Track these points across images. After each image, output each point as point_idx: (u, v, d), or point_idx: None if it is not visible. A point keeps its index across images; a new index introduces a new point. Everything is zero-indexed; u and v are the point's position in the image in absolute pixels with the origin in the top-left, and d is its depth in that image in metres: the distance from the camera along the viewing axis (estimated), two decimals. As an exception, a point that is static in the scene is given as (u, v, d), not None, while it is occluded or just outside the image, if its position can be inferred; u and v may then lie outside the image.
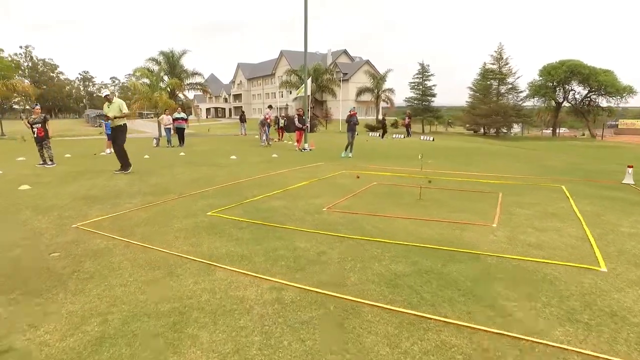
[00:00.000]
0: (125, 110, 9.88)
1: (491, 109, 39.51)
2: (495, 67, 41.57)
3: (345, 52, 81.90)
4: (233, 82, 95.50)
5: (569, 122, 55.91)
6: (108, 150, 14.88)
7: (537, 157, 14.91)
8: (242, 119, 29.82)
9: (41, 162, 11.14)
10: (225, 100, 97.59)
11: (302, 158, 13.47)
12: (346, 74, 66.78)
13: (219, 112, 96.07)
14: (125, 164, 9.86)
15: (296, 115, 17.34)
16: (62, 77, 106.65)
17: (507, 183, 8.80)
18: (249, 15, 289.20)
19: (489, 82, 43.23)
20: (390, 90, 54.61)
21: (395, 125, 51.57)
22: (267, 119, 22.30)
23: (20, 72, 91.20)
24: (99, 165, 11.31)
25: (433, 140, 24.68)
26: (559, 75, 40.51)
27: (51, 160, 11.18)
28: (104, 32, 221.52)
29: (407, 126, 28.69)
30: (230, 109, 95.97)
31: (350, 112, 14.14)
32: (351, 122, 13.92)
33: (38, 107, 11.45)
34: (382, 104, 56.42)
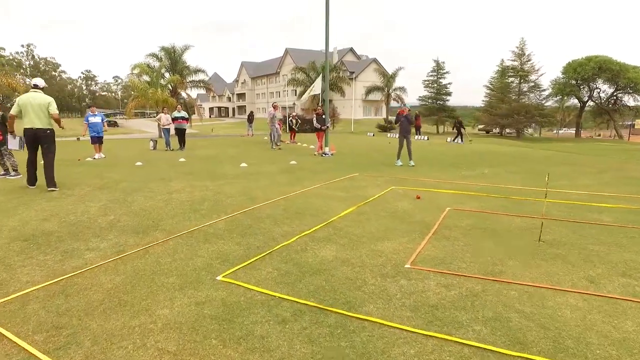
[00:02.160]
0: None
1: (512, 108, 36.92)
2: (516, 63, 38.94)
3: (351, 50, 79.49)
4: (237, 80, 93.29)
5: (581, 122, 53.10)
6: (97, 156, 12.56)
7: (607, 165, 12.41)
8: (250, 119, 27.44)
9: (2, 173, 8.76)
10: (229, 99, 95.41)
11: (327, 166, 11.05)
12: (353, 72, 64.40)
13: (222, 112, 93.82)
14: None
15: (314, 115, 14.92)
16: (64, 76, 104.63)
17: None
18: (250, 14, 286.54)
19: (508, 80, 40.65)
20: (402, 89, 52.16)
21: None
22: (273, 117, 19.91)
23: (21, 70, 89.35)
24: (77, 177, 8.91)
25: (427, 139, 22.22)
26: (587, 72, 37.85)
27: (15, 170, 8.81)
28: (106, 31, 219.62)
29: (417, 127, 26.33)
30: (233, 108, 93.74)
31: (400, 109, 11.59)
32: (402, 122, 11.43)
33: None
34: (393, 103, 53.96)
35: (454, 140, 23.83)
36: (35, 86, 7.27)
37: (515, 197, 7.00)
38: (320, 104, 34.92)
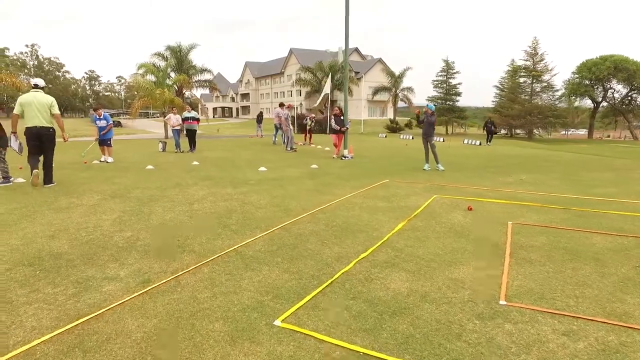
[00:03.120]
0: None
1: (525, 109, 36.08)
2: (528, 63, 38.10)
3: (356, 50, 78.70)
4: (240, 81, 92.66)
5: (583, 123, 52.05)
6: (103, 158, 11.80)
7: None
8: (259, 120, 26.68)
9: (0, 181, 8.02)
10: (232, 99, 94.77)
11: (352, 170, 10.29)
12: (358, 72, 63.64)
13: (225, 112, 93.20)
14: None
15: (332, 116, 14.16)
16: (68, 76, 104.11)
17: None
18: (252, 14, 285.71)
19: (520, 80, 39.82)
20: (409, 89, 51.46)
21: (409, 125, 48.29)
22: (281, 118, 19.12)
23: (25, 70, 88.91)
24: (84, 182, 8.18)
25: (443, 140, 21.47)
26: (602, 71, 36.95)
27: (4, 177, 7.82)
28: (108, 31, 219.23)
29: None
30: (237, 109, 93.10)
31: (425, 109, 10.78)
32: (426, 123, 10.64)
33: None
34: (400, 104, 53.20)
35: (487, 142, 23.55)
36: (36, 86, 7.41)
37: (574, 208, 6.22)
38: (325, 106, 34.04)
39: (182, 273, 3.55)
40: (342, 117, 13.71)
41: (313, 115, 21.80)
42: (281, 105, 20.48)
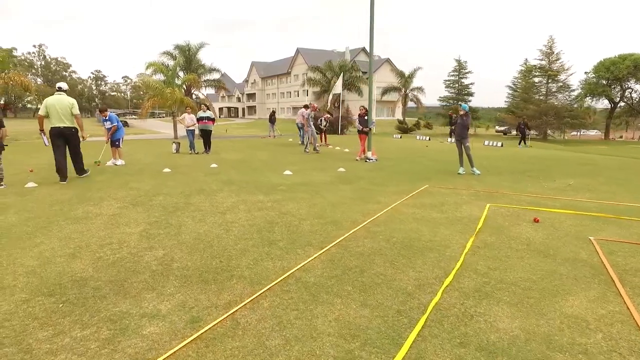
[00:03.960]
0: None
1: (540, 109, 35.23)
2: (544, 63, 37.21)
3: (364, 49, 77.92)
4: (247, 81, 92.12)
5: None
6: (112, 161, 11.11)
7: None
8: (272, 120, 26.00)
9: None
10: (238, 99, 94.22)
11: (383, 174, 9.60)
12: (365, 72, 62.89)
13: (231, 112, 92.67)
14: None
15: (356, 116, 13.48)
16: (74, 76, 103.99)
17: None
18: (252, 14, 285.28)
19: (535, 80, 38.97)
20: (419, 89, 50.71)
21: (417, 126, 47.59)
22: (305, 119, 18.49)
23: (32, 70, 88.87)
24: (100, 187, 7.54)
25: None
26: (621, 71, 35.97)
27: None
28: (114, 31, 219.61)
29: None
30: (243, 109, 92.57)
31: (459, 110, 10.05)
32: (459, 125, 9.95)
33: None
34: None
35: (520, 144, 23.17)
36: (60, 89, 8.04)
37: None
38: (336, 106, 33.34)
39: (238, 308, 2.88)
40: (366, 117, 13.03)
41: (327, 115, 21.06)
42: (306, 106, 19.89)
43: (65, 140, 7.94)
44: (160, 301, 3.00)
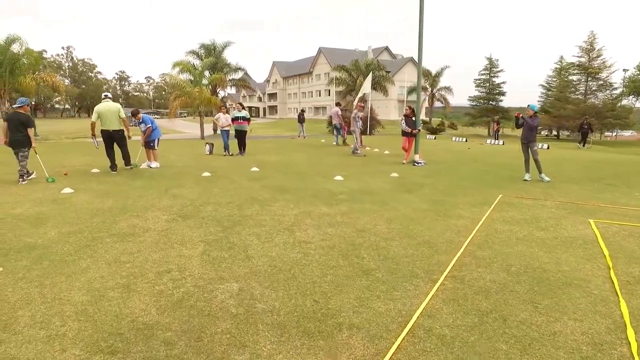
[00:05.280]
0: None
1: (579, 109, 33.44)
2: (583, 60, 35.33)
3: (387, 49, 76.81)
4: (268, 80, 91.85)
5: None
6: (147, 164, 10.48)
7: None
8: (301, 119, 25.25)
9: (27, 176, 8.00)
10: (259, 99, 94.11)
11: (441, 180, 8.69)
12: (389, 72, 61.76)
13: (252, 112, 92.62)
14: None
15: (402, 118, 12.56)
16: (100, 76, 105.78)
17: None
18: (273, 13, 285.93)
19: (573, 78, 37.14)
20: (447, 88, 49.22)
21: (442, 126, 46.09)
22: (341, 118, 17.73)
23: (61, 72, 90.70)
24: (140, 195, 6.87)
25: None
26: (673, 66, 33.70)
27: (22, 176, 7.86)
28: (138, 31, 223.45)
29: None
30: (264, 108, 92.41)
31: (529, 111, 9.03)
32: (525, 126, 8.95)
33: (25, 103, 7.97)
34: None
35: (582, 144, 22.01)
36: (106, 96, 9.43)
37: None
38: (362, 105, 32.40)
39: (372, 386, 2.06)
40: (413, 118, 12.11)
41: (360, 114, 20.17)
42: (338, 104, 19.08)
43: (113, 141, 9.24)
44: (259, 368, 2.21)
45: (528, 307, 2.92)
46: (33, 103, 54.77)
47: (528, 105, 9.17)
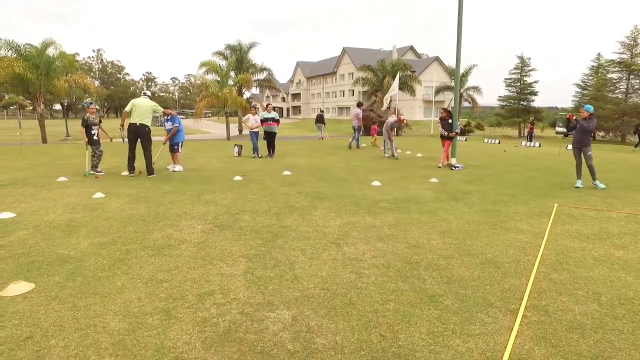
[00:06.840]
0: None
1: (620, 109, 31.84)
2: (625, 56, 33.56)
3: (411, 48, 75.53)
4: (291, 81, 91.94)
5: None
6: (177, 168, 10.23)
7: None
8: (321, 120, 24.84)
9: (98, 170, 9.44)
10: (283, 99, 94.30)
11: (485, 187, 8.14)
12: (414, 71, 60.65)
13: (276, 112, 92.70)
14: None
15: (438, 120, 12.01)
16: (127, 77, 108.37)
17: None
18: (299, 12, 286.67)
19: (611, 76, 35.38)
20: (476, 88, 47.86)
21: (468, 126, 44.76)
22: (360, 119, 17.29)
23: (91, 73, 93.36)
24: (170, 200, 6.61)
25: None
26: None
27: (94, 166, 9.56)
28: (162, 33, 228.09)
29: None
30: (288, 109, 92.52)
31: (569, 114, 8.44)
32: (579, 129, 8.33)
33: (93, 105, 9.68)
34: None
35: (637, 146, 21.76)
36: (145, 94, 9.70)
37: None
38: (387, 106, 31.75)
39: None
40: (450, 121, 11.56)
41: (393, 119, 19.63)
42: (359, 104, 18.60)
43: (137, 138, 8.97)
44: None
45: None
46: (65, 104, 56.28)
47: (583, 107, 8.53)
